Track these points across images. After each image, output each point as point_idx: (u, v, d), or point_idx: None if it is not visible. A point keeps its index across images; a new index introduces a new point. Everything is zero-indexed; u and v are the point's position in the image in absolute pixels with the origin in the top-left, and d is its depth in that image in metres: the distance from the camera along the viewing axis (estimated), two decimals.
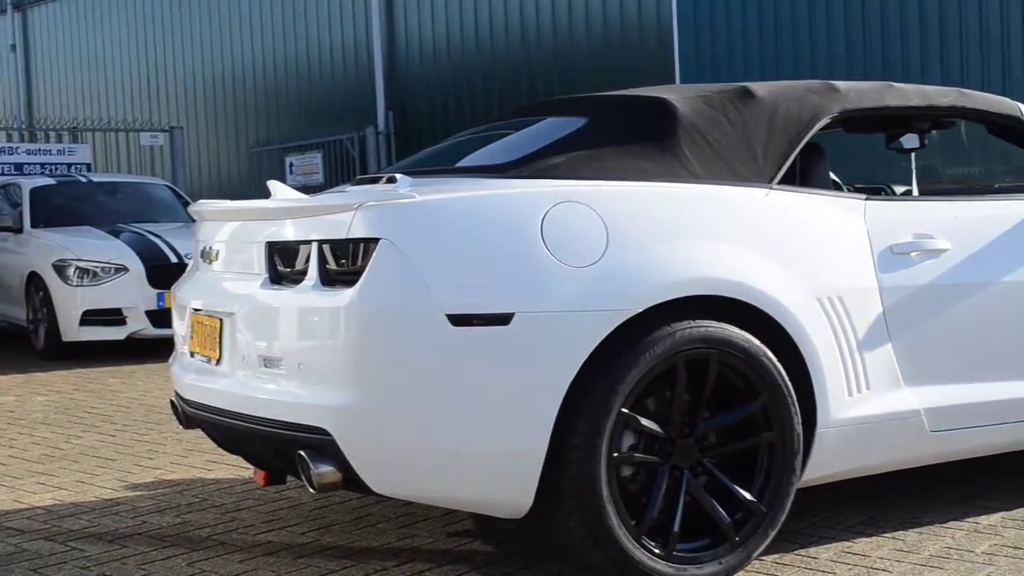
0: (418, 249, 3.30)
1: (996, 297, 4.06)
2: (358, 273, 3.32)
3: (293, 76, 18.57)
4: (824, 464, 3.78)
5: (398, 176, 3.54)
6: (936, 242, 3.98)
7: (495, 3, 15.95)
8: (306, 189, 14.91)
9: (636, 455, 3.46)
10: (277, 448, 3.57)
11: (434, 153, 4.73)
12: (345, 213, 3.39)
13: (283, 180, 16.91)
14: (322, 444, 3.33)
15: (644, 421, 3.44)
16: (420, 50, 16.92)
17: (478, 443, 3.30)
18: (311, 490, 3.39)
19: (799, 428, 3.63)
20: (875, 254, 3.88)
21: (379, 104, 17.09)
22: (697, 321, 3.47)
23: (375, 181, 3.81)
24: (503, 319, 3.27)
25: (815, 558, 3.76)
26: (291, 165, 17.65)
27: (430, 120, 16.69)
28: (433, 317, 3.25)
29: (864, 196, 4.04)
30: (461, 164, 4.19)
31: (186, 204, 10.91)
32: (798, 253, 3.73)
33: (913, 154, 5.04)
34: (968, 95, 4.42)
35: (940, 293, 3.96)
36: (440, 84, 16.62)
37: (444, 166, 4.21)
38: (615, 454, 3.38)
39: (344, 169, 16.90)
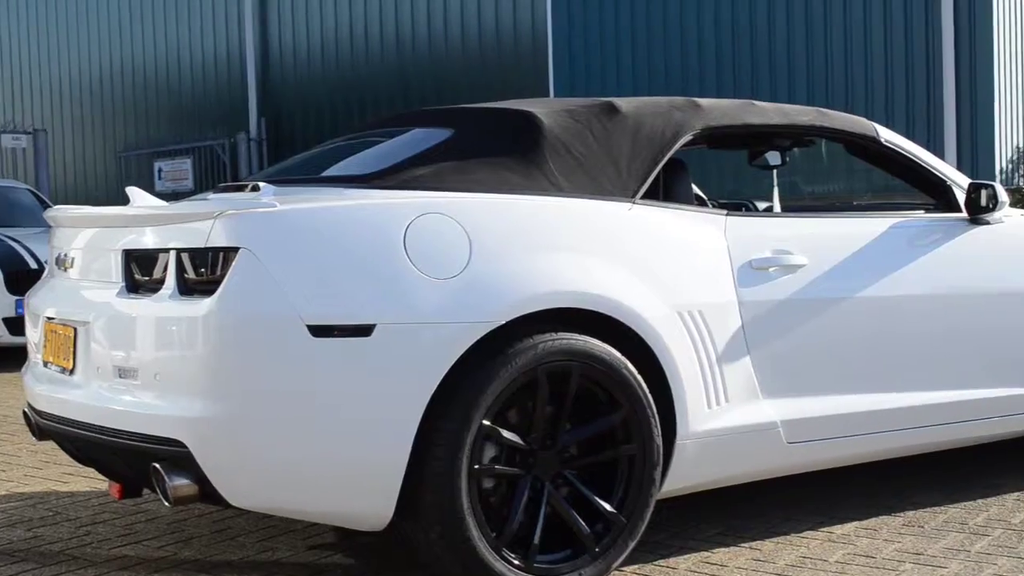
0: (279, 259, 3.26)
1: (851, 312, 4.16)
2: (217, 282, 3.26)
3: (163, 79, 18.25)
4: (684, 475, 3.83)
5: (261, 184, 3.49)
6: (794, 258, 4.07)
7: (370, 12, 15.90)
8: (175, 195, 14.67)
9: (497, 467, 3.46)
10: (132, 460, 3.49)
11: (301, 161, 4.68)
12: (204, 221, 3.33)
13: (152, 185, 16.61)
14: (178, 456, 3.27)
15: (505, 433, 3.44)
16: (294, 56, 16.78)
17: (338, 455, 3.27)
18: (166, 504, 3.32)
19: (659, 440, 3.67)
20: (735, 269, 3.95)
21: (251, 110, 16.90)
22: (559, 334, 3.49)
23: (239, 189, 3.76)
24: (364, 330, 3.25)
25: (674, 568, 3.81)
26: (160, 170, 17.34)
27: (303, 127, 16.56)
28: (293, 327, 3.21)
29: (725, 212, 4.11)
30: (327, 173, 4.16)
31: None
32: (660, 267, 3.77)
33: (775, 171, 5.16)
34: (827, 115, 4.53)
35: (797, 307, 4.05)
36: (314, 91, 16.51)
37: (310, 175, 4.17)
38: (476, 466, 3.38)
39: (215, 175, 16.66)
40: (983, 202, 4.53)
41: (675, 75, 13.70)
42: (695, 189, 4.55)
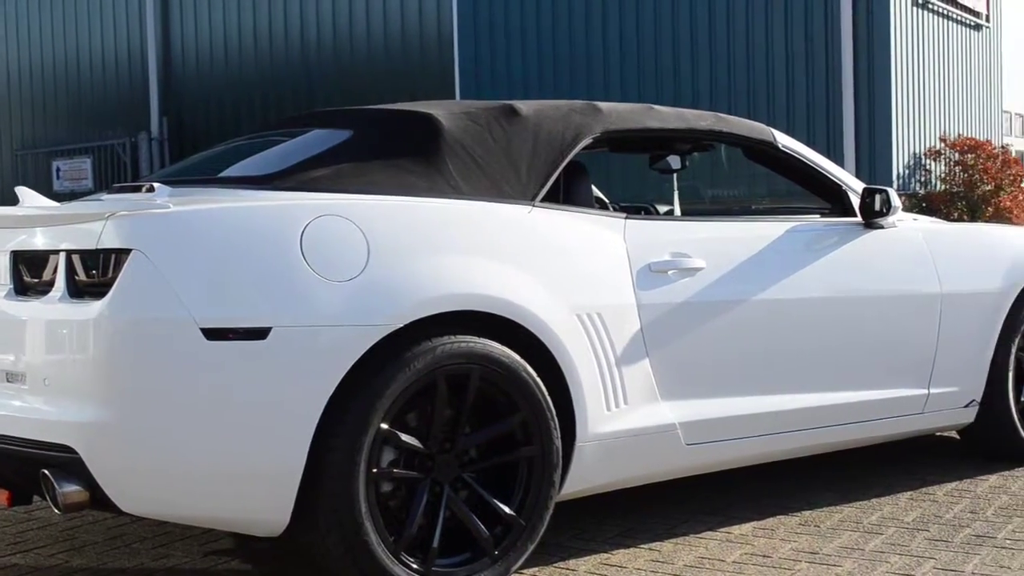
0: (172, 261, 3.19)
1: (749, 314, 4.21)
2: (108, 285, 3.19)
3: (63, 76, 17.89)
4: (584, 478, 3.84)
5: (156, 185, 3.43)
6: (692, 261, 4.10)
7: (275, 10, 15.75)
8: (73, 195, 14.38)
9: (396, 471, 3.44)
10: (21, 467, 3.39)
11: (199, 162, 4.61)
12: (96, 222, 3.26)
13: (50, 185, 16.28)
14: (68, 462, 3.19)
15: (404, 436, 3.42)
16: (197, 54, 16.55)
17: (233, 460, 3.22)
18: (57, 511, 3.24)
19: (558, 443, 3.68)
20: (634, 272, 3.97)
21: (153, 109, 16.64)
22: (458, 336, 3.48)
23: (135, 190, 3.69)
24: (260, 333, 3.20)
25: (574, 570, 3.82)
26: (58, 170, 16.99)
27: (206, 127, 16.34)
28: (187, 331, 3.15)
29: (624, 215, 4.13)
30: (224, 174, 4.10)
31: None
32: (559, 270, 3.78)
33: (675, 175, 5.20)
34: (725, 119, 4.58)
35: (695, 310, 4.08)
36: (217, 90, 16.30)
37: (207, 175, 4.11)
38: (374, 470, 3.35)
39: (115, 175, 16.37)
40: (877, 207, 4.61)
41: (580, 79, 13.78)
42: (596, 192, 4.58)
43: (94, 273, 3.27)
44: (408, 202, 3.63)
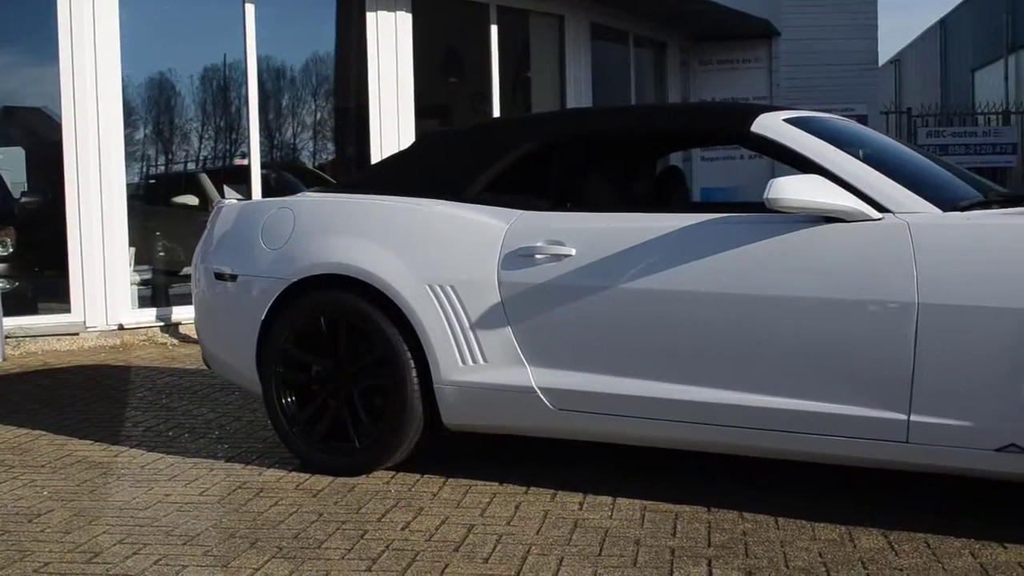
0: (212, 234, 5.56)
1: (615, 301, 4.45)
2: None
3: None
4: (452, 414, 4.83)
5: None
6: (563, 248, 4.57)
7: None
8: None
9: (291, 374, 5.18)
10: None
11: None
12: None
13: None
14: None
15: (298, 352, 5.15)
16: None
17: (224, 341, 5.46)
18: None
19: (412, 376, 4.82)
20: (501, 255, 4.68)
21: None
22: (335, 291, 4.99)
23: None
24: (232, 277, 5.35)
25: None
26: None
27: None
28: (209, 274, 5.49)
29: (522, 210, 4.80)
30: None
31: None
32: (419, 251, 4.86)
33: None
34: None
35: (560, 291, 4.56)
36: None
37: None
38: (280, 370, 5.19)
39: None
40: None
41: None
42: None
43: None
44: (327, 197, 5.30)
